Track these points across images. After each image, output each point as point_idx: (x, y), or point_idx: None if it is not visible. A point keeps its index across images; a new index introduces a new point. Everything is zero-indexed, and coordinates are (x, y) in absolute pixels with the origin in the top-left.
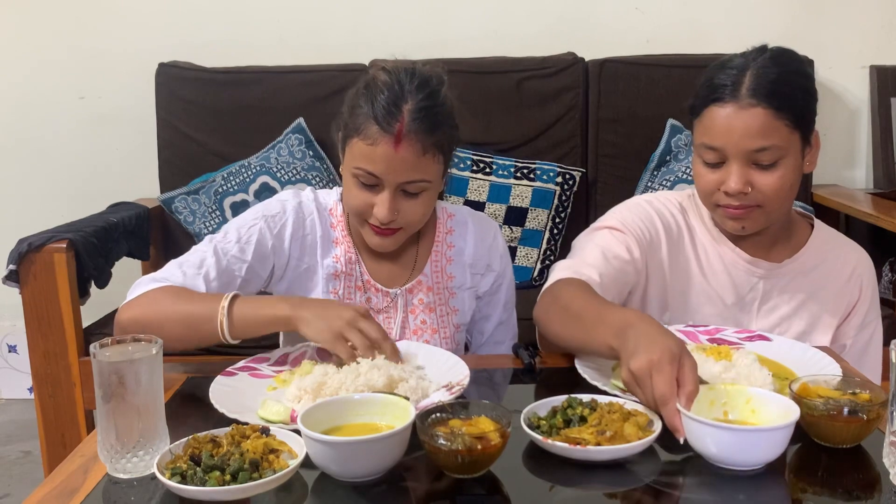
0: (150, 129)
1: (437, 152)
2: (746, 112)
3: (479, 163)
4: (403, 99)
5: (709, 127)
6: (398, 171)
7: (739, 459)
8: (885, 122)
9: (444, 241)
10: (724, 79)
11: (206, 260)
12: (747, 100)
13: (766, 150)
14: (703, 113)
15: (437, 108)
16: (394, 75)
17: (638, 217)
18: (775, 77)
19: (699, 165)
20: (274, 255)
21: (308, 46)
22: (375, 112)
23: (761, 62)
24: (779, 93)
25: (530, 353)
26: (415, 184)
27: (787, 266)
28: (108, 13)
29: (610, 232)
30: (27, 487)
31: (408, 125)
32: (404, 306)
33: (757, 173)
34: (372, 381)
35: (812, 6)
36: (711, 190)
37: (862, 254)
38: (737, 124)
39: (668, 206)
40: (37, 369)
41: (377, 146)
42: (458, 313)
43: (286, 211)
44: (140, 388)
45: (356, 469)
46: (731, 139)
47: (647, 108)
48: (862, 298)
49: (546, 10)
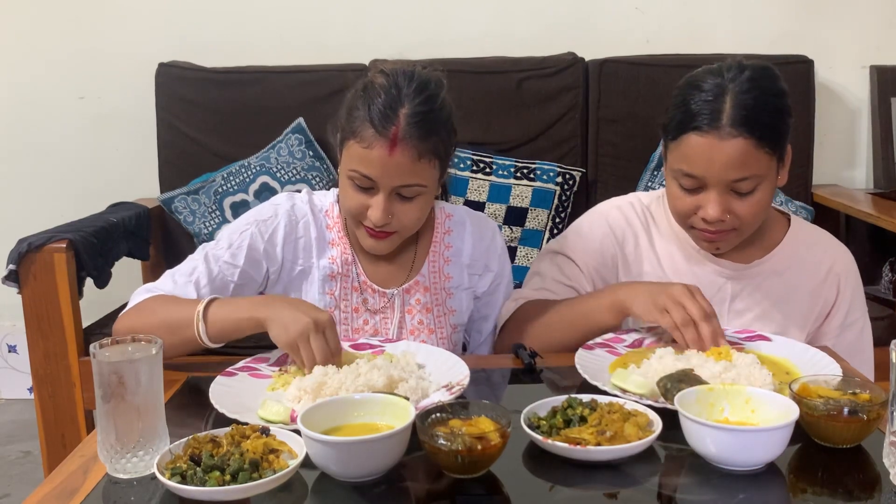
0: (150, 129)
1: (432, 157)
2: (728, 143)
3: (479, 163)
4: (400, 103)
5: (687, 155)
6: (393, 174)
7: (739, 459)
8: (885, 122)
9: (441, 242)
10: (701, 105)
11: (196, 268)
12: (728, 129)
13: (746, 180)
14: (681, 139)
15: (434, 112)
16: (391, 78)
17: (591, 239)
18: (754, 103)
19: (675, 188)
20: (266, 260)
21: (308, 46)
22: (372, 115)
23: (739, 85)
24: (760, 122)
25: (530, 353)
26: (409, 188)
27: (756, 267)
28: (108, 13)
29: (561, 260)
30: (27, 487)
31: (403, 130)
32: (401, 307)
33: (735, 200)
34: (372, 381)
35: (812, 6)
36: (688, 213)
37: (840, 252)
38: (718, 155)
39: (629, 215)
40: (37, 369)
41: (372, 149)
42: (456, 314)
43: (278, 215)
44: (140, 388)
45: (356, 469)
46: (711, 169)
47: (647, 108)
48: (841, 298)
49: (546, 10)
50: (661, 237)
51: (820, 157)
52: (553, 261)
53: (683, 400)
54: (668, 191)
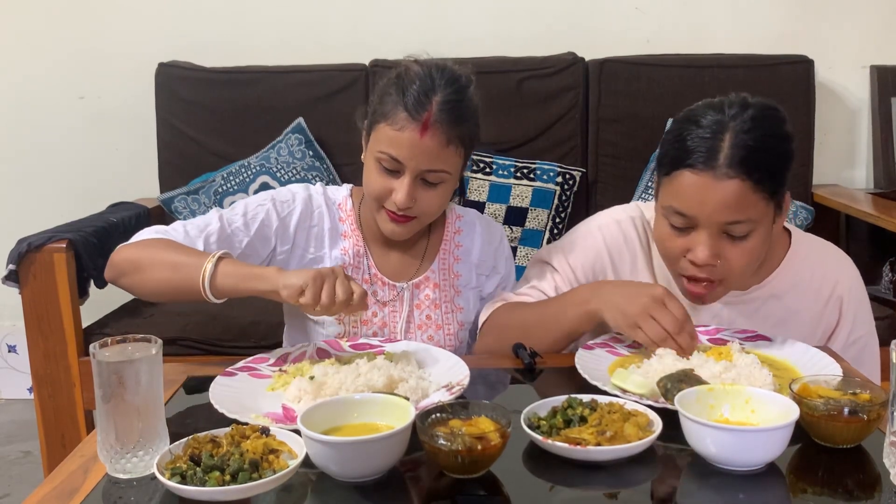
0: (150, 129)
1: (459, 145)
2: (723, 184)
3: (479, 163)
4: (434, 90)
5: (679, 192)
6: (421, 158)
7: (739, 459)
8: (885, 122)
9: (452, 240)
10: (698, 142)
11: (210, 224)
12: (725, 170)
13: (740, 224)
14: (674, 175)
15: (464, 102)
16: (426, 68)
17: (584, 254)
18: (754, 144)
19: (664, 227)
20: (276, 238)
21: (308, 46)
22: (406, 100)
23: (741, 124)
24: (759, 164)
25: (530, 354)
26: (435, 173)
27: (754, 292)
28: (108, 13)
29: (549, 271)
30: (27, 487)
31: (435, 115)
32: (410, 300)
33: (727, 244)
34: (372, 381)
35: (812, 6)
36: (677, 256)
37: (843, 270)
38: (712, 196)
39: (627, 230)
40: (37, 369)
41: (404, 132)
42: (463, 311)
43: (295, 200)
44: (140, 388)
45: (356, 469)
46: (703, 210)
47: (647, 108)
48: (843, 321)
49: (546, 10)
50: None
51: (820, 157)
52: (541, 269)
53: (683, 400)
54: (658, 230)
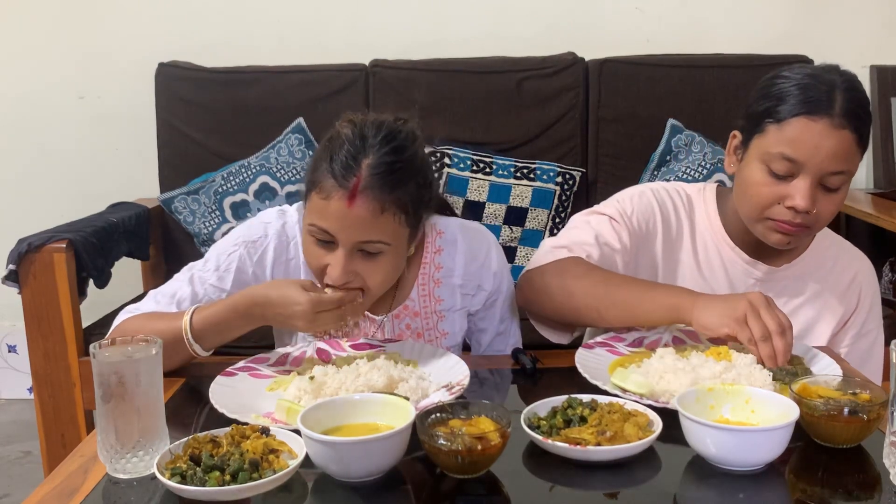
0: (150, 129)
1: (397, 212)
2: (837, 133)
3: (479, 163)
4: (364, 153)
5: (794, 138)
6: (351, 229)
7: (739, 459)
8: (885, 122)
9: (431, 263)
10: (816, 92)
11: (180, 289)
12: (839, 119)
13: (839, 174)
14: (789, 122)
15: (402, 163)
16: (358, 128)
17: (638, 208)
18: (860, 102)
19: (761, 174)
20: (254, 280)
21: (308, 46)
22: (333, 166)
23: (846, 83)
24: (862, 121)
25: (531, 359)
26: (372, 244)
27: (785, 271)
28: (108, 13)
29: (607, 220)
30: (27, 487)
31: (365, 180)
32: (391, 332)
33: (821, 194)
34: (372, 381)
35: (812, 6)
36: (769, 203)
37: (864, 262)
38: (826, 143)
39: (675, 198)
40: (37, 369)
41: (330, 201)
42: (448, 336)
43: (268, 235)
44: (140, 388)
45: (356, 469)
46: (816, 157)
47: (647, 108)
48: (860, 308)
49: (546, 10)
50: (700, 230)
51: None
52: (598, 220)
53: (683, 400)
54: (751, 178)
